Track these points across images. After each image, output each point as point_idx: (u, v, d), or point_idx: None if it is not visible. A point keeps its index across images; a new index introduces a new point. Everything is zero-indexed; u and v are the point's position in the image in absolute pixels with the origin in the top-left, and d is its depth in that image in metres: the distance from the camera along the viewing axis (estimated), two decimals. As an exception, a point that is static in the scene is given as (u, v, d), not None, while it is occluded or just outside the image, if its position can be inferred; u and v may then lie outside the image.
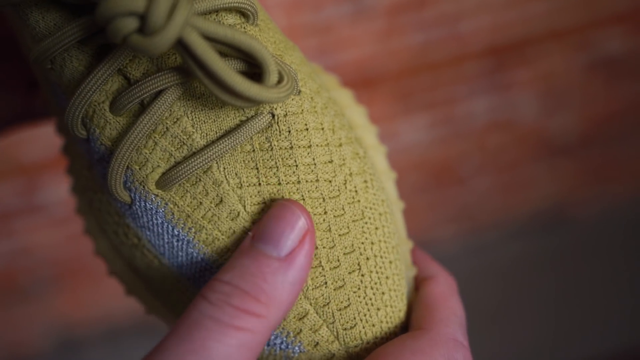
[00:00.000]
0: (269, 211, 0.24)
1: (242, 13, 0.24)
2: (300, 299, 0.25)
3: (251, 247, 0.23)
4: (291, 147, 0.24)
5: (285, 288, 0.23)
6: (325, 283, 0.25)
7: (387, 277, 0.26)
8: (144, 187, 0.24)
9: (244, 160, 0.24)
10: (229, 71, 0.22)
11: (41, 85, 0.28)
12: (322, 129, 0.25)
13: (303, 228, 0.24)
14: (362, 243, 0.25)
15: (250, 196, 0.24)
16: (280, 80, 0.23)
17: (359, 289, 0.25)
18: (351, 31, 0.73)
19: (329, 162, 0.25)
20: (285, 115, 0.24)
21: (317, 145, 0.25)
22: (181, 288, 0.26)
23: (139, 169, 0.24)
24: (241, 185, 0.24)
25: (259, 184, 0.24)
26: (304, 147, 0.25)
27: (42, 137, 0.70)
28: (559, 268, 0.91)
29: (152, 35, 0.20)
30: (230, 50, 0.23)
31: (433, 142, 0.84)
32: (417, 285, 0.28)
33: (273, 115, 0.24)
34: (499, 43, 0.79)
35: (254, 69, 0.23)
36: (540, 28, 0.80)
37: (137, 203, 0.25)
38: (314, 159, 0.25)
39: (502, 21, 0.78)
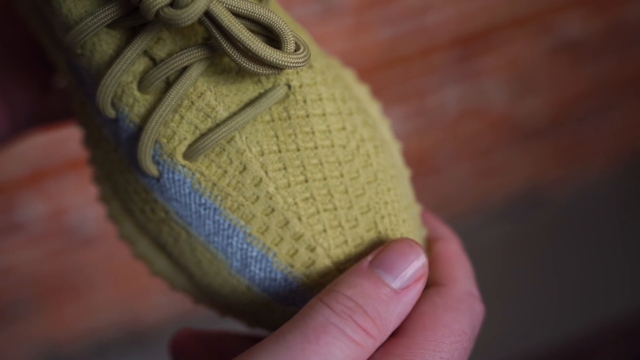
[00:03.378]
0: (393, 243, 0.26)
1: None
2: (323, 258, 0.26)
3: (370, 271, 0.25)
4: (307, 116, 0.26)
5: (393, 318, 0.25)
6: (346, 241, 0.27)
7: (401, 234, 0.28)
8: (172, 159, 0.26)
9: (264, 130, 0.26)
10: (253, 38, 0.23)
11: (64, 79, 0.29)
12: (334, 99, 0.27)
13: (422, 269, 0.25)
14: (377, 203, 0.27)
15: (272, 162, 0.26)
16: (297, 49, 0.25)
17: (377, 246, 0.27)
18: (321, 29, 0.74)
19: (342, 129, 0.27)
20: (300, 87, 0.26)
21: (330, 113, 0.27)
22: (209, 256, 0.27)
23: (167, 142, 0.26)
24: (262, 152, 0.26)
25: (279, 150, 0.26)
26: (318, 115, 0.26)
27: (18, 155, 0.70)
28: (539, 248, 0.93)
29: (183, 8, 0.22)
30: (250, 24, 0.24)
31: (408, 134, 0.86)
32: (429, 245, 0.29)
33: (289, 87, 0.26)
34: (464, 33, 0.81)
35: (272, 43, 0.25)
36: (503, 16, 0.82)
37: (165, 175, 0.26)
38: (328, 126, 0.26)
39: (467, 11, 0.80)
